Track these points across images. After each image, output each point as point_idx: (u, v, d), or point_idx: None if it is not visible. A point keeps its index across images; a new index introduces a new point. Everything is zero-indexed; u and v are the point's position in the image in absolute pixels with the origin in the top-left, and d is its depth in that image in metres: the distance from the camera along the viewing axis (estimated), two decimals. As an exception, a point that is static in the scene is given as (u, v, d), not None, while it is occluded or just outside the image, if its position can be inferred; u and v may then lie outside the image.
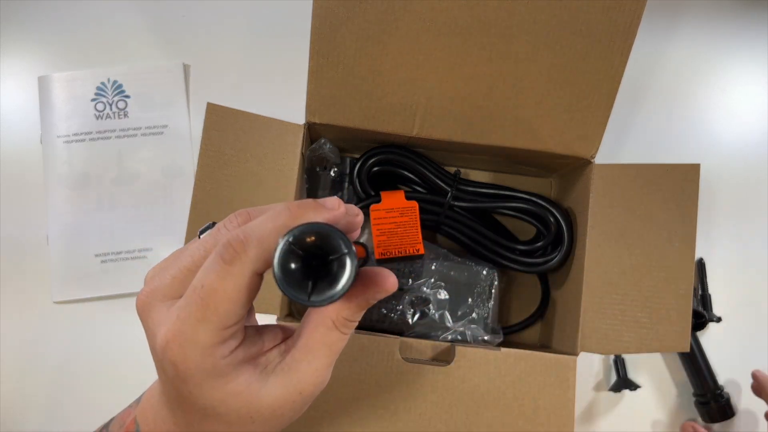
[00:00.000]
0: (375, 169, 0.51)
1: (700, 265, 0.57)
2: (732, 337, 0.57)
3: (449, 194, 0.50)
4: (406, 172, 0.52)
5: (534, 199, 0.50)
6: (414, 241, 0.50)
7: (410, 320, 0.50)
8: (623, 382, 0.54)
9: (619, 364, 0.55)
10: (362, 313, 0.25)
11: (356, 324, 0.26)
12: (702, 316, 0.54)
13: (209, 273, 0.22)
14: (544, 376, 0.43)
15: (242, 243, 0.22)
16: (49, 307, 0.56)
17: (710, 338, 0.57)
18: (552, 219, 0.49)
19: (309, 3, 0.42)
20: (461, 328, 0.49)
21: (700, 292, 0.57)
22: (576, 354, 0.44)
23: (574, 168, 0.50)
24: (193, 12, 0.60)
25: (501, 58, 0.43)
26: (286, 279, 0.20)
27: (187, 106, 0.58)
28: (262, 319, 0.45)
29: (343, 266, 0.21)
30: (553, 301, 0.53)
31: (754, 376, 0.52)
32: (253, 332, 0.25)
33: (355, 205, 0.50)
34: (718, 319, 0.55)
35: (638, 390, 0.55)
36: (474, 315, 0.50)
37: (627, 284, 0.45)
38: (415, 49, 0.43)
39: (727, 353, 0.57)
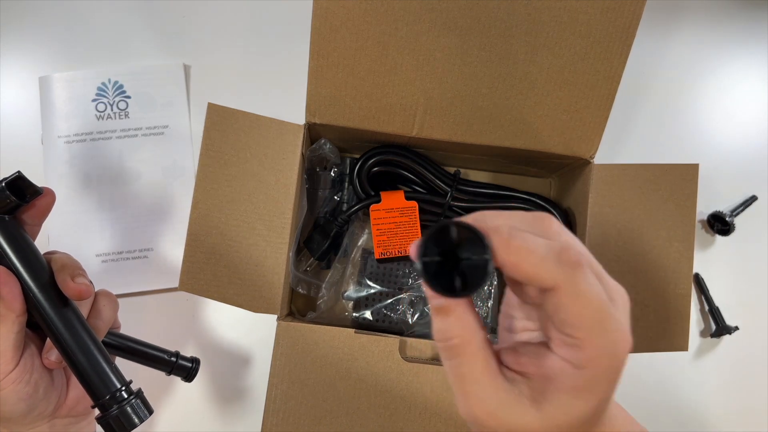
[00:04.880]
0: (375, 169, 0.51)
1: (698, 280, 0.57)
2: (735, 336, 0.57)
3: (449, 194, 0.51)
4: (405, 173, 0.52)
5: (533, 199, 0.51)
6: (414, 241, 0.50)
7: (410, 320, 0.50)
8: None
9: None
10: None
11: None
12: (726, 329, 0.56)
13: None
14: (544, 375, 0.43)
15: None
16: (50, 307, 0.56)
17: (710, 338, 0.57)
18: (551, 219, 0.49)
19: (309, 3, 0.42)
20: (461, 328, 0.49)
21: (707, 307, 0.57)
22: (575, 353, 0.44)
23: (573, 168, 0.50)
24: (193, 12, 0.60)
25: (501, 58, 0.44)
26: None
27: (188, 107, 0.59)
28: (264, 318, 0.45)
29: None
30: (553, 300, 0.53)
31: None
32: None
33: (356, 205, 0.50)
34: (735, 329, 0.56)
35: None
36: (473, 315, 0.50)
37: (626, 284, 0.45)
38: (414, 50, 0.43)
39: (733, 355, 0.57)
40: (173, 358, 0.42)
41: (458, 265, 0.20)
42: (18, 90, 0.58)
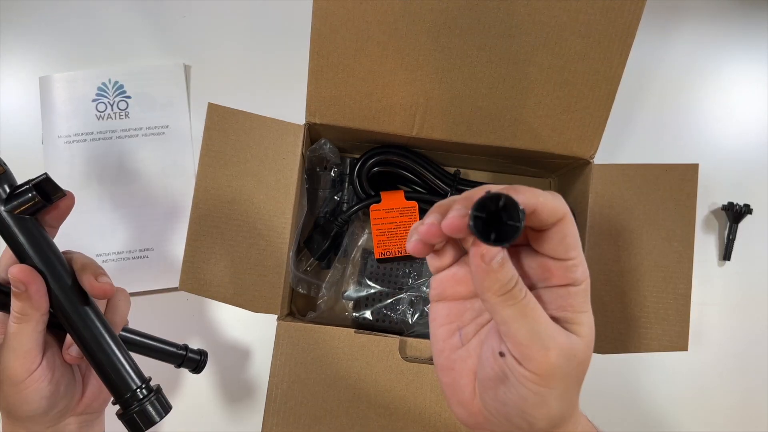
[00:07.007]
0: (375, 169, 0.51)
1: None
2: (731, 337, 0.57)
3: (449, 194, 0.51)
4: (405, 173, 0.52)
5: (533, 199, 0.50)
6: (414, 241, 0.50)
7: (410, 320, 0.50)
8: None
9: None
10: None
11: None
12: None
13: None
14: (544, 375, 0.43)
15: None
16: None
17: (710, 337, 0.57)
18: (551, 219, 0.49)
19: (309, 3, 0.42)
20: (461, 328, 0.49)
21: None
22: (575, 353, 0.44)
23: (573, 168, 0.50)
24: (193, 12, 0.60)
25: (501, 58, 0.44)
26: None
27: (188, 107, 0.59)
28: (264, 318, 0.45)
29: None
30: (553, 300, 0.53)
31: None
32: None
33: (356, 205, 0.50)
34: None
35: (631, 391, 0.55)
36: (473, 314, 0.50)
37: (626, 284, 0.45)
38: (414, 50, 0.43)
39: (727, 353, 0.57)
40: (182, 351, 0.42)
41: (497, 225, 0.23)
42: (18, 90, 0.58)
